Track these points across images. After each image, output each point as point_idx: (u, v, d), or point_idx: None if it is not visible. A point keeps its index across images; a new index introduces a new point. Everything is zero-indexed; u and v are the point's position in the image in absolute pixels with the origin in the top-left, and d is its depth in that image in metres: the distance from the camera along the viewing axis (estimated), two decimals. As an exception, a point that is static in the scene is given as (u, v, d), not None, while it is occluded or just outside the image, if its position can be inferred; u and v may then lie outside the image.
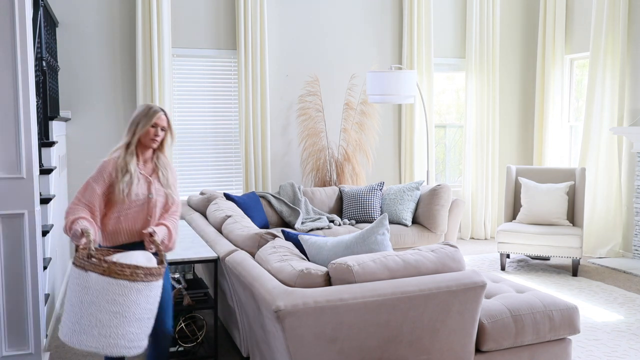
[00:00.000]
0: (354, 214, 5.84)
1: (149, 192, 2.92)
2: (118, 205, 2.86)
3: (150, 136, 2.92)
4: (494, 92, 7.37)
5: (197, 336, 3.61)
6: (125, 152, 2.92)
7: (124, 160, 2.89)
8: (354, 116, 6.87)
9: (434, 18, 7.27)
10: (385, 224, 3.01)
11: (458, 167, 7.78)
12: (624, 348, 3.90)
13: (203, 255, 3.49)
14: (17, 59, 3.32)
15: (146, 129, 2.90)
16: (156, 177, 2.96)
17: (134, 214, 2.89)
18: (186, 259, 3.42)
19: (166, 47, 6.21)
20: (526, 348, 3.05)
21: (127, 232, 2.90)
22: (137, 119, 2.93)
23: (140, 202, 2.89)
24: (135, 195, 2.86)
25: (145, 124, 2.90)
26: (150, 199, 2.91)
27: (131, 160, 2.90)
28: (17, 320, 3.44)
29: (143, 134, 2.91)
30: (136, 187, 2.86)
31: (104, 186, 2.84)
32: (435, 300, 2.68)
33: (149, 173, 2.96)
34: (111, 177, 2.86)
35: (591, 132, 6.52)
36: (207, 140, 6.65)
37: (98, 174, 2.87)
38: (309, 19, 6.86)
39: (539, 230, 5.65)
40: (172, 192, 2.99)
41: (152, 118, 2.91)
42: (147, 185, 2.92)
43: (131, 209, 2.88)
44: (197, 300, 3.64)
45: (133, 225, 2.90)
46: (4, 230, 3.38)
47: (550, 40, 7.20)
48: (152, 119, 2.91)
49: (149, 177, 2.95)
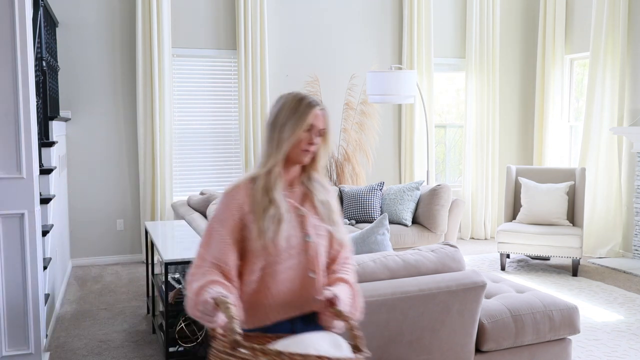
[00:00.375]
0: (354, 214, 5.84)
1: (304, 234, 1.87)
2: (258, 259, 1.82)
3: (302, 146, 1.86)
4: (494, 92, 7.37)
5: (197, 336, 3.61)
6: (265, 173, 1.85)
7: (264, 186, 1.83)
8: (354, 116, 6.87)
9: (434, 18, 7.27)
10: (385, 224, 3.01)
11: (458, 167, 7.78)
12: (624, 348, 3.90)
13: None
14: (17, 59, 3.32)
15: (298, 135, 1.84)
16: (311, 208, 1.92)
17: (286, 271, 1.84)
18: (186, 258, 3.41)
19: (166, 47, 6.21)
20: (526, 348, 3.05)
21: (278, 303, 1.84)
22: (284, 118, 1.86)
23: (295, 250, 1.85)
24: (286, 240, 1.82)
25: (296, 126, 1.84)
26: (308, 244, 1.87)
27: (276, 185, 1.85)
28: (17, 320, 3.44)
29: (294, 143, 1.85)
30: (287, 226, 1.83)
31: (236, 229, 1.82)
32: (435, 300, 2.68)
33: (299, 202, 1.92)
34: (243, 211, 1.82)
35: (591, 132, 6.52)
36: (207, 140, 6.65)
37: (224, 208, 1.84)
38: (309, 19, 6.86)
39: (539, 230, 5.65)
40: (337, 229, 1.95)
41: (306, 117, 1.85)
42: (300, 222, 1.88)
43: (280, 263, 1.83)
44: None
45: (287, 290, 1.84)
46: (4, 230, 3.38)
47: (550, 40, 7.20)
48: (306, 119, 1.85)
49: (300, 207, 1.90)
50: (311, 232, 1.87)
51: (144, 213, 6.25)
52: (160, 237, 4.04)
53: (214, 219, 1.84)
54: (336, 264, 1.94)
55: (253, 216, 1.80)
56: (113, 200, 6.27)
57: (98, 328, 4.33)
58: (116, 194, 6.28)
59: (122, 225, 6.32)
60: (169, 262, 3.38)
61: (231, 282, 1.77)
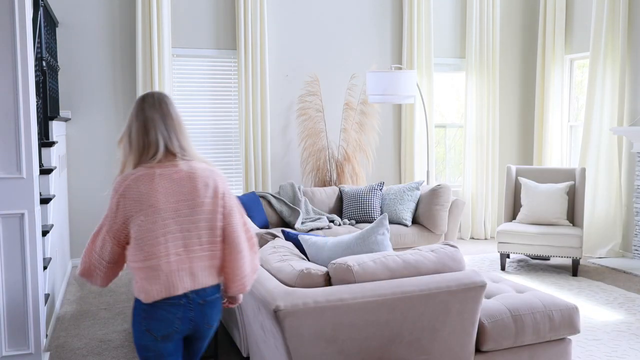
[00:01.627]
0: (354, 214, 5.84)
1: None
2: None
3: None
4: (494, 92, 7.38)
5: None
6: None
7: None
8: (354, 116, 6.87)
9: (434, 18, 7.27)
10: (385, 224, 3.01)
11: (458, 167, 7.78)
12: (624, 348, 3.90)
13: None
14: (17, 59, 3.33)
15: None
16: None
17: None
18: None
19: (166, 47, 6.21)
20: (526, 348, 3.05)
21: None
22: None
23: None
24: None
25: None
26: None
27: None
28: (17, 320, 3.44)
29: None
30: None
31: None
32: (435, 300, 2.68)
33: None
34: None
35: (591, 132, 6.52)
36: (207, 140, 6.66)
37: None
38: (309, 19, 6.86)
39: (539, 230, 5.65)
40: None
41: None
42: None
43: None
44: None
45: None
46: (4, 230, 3.38)
47: (550, 40, 7.20)
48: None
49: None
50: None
51: (144, 213, 6.24)
52: None
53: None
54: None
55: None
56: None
57: (98, 328, 4.33)
58: (116, 194, 6.27)
59: (122, 225, 6.31)
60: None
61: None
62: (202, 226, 2.19)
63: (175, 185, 2.16)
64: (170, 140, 2.20)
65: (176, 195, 2.15)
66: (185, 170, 2.18)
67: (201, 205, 2.18)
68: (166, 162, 2.18)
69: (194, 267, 2.18)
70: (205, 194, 2.19)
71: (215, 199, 2.21)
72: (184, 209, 2.16)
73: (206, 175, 2.21)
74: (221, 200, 2.22)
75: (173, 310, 2.14)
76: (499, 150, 7.61)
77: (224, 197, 2.23)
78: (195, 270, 2.18)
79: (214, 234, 2.21)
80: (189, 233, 2.17)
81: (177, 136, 2.21)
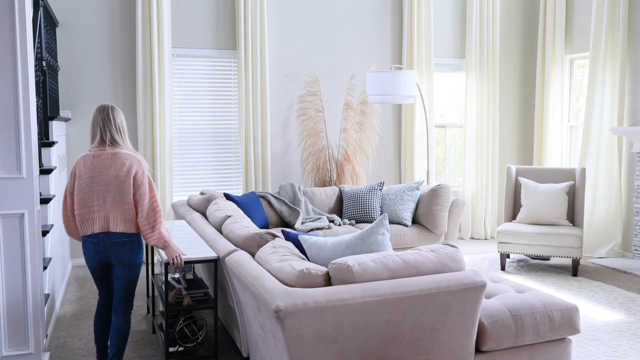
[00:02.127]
0: (354, 214, 5.84)
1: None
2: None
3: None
4: (494, 92, 7.38)
5: (197, 336, 3.61)
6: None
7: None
8: (354, 116, 6.87)
9: (434, 18, 7.27)
10: (385, 224, 3.01)
11: (458, 167, 7.78)
12: (624, 348, 3.90)
13: (203, 255, 3.49)
14: (17, 59, 3.33)
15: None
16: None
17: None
18: (186, 259, 3.42)
19: (166, 47, 6.22)
20: (526, 348, 3.05)
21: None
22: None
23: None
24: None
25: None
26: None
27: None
28: (17, 320, 3.44)
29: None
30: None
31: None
32: (435, 300, 2.68)
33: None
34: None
35: (591, 132, 6.52)
36: (207, 140, 6.66)
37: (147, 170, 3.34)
38: (308, 19, 6.86)
39: (539, 230, 5.65)
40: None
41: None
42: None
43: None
44: (197, 300, 3.63)
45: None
46: (4, 230, 3.38)
47: (550, 40, 7.20)
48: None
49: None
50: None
51: (144, 213, 6.24)
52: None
53: (149, 176, 3.28)
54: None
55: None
56: (113, 200, 6.27)
57: (98, 328, 4.33)
58: (116, 194, 6.28)
59: (122, 225, 6.32)
60: (169, 262, 3.38)
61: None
62: (115, 190, 3.21)
63: (100, 161, 3.24)
64: (104, 134, 3.27)
65: (98, 168, 3.23)
66: (109, 152, 3.24)
67: (115, 176, 3.21)
68: (100, 147, 3.27)
69: (108, 217, 3.23)
70: (121, 169, 3.21)
71: (128, 174, 3.21)
72: (102, 177, 3.22)
73: (125, 158, 3.24)
74: (132, 176, 3.21)
75: (90, 244, 3.27)
76: (499, 150, 7.61)
77: (135, 175, 3.22)
78: (109, 219, 3.23)
79: (125, 198, 3.22)
80: (107, 193, 3.21)
81: (110, 132, 3.27)
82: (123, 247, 3.27)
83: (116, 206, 3.22)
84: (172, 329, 3.66)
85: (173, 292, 3.51)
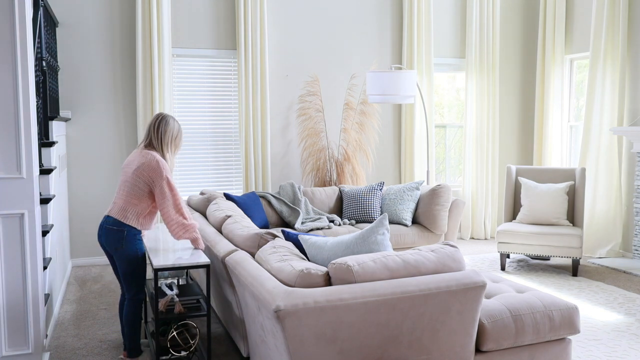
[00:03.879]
0: (354, 214, 5.84)
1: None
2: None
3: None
4: (494, 92, 7.38)
5: (190, 344, 3.49)
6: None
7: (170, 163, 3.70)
8: (354, 116, 6.87)
9: (434, 18, 7.27)
10: (385, 224, 3.01)
11: (458, 167, 7.78)
12: (624, 348, 3.90)
13: (195, 261, 3.38)
14: (17, 59, 3.33)
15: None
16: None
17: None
18: (177, 265, 3.33)
19: (166, 47, 6.22)
20: (526, 348, 3.05)
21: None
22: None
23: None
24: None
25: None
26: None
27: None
28: (17, 320, 3.44)
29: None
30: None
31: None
32: (435, 300, 2.68)
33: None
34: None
35: (591, 132, 6.52)
36: (207, 140, 6.66)
37: (167, 169, 3.52)
38: (308, 19, 6.86)
39: (539, 230, 5.65)
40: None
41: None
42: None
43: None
44: (190, 308, 3.52)
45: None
46: (4, 230, 3.38)
47: (550, 40, 7.20)
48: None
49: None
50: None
51: (144, 213, 6.24)
52: (152, 241, 3.97)
53: (169, 177, 3.48)
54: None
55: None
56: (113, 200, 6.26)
57: (98, 328, 4.33)
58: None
59: (122, 225, 6.32)
60: (159, 268, 3.28)
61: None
62: (128, 182, 3.51)
63: (132, 156, 3.59)
64: (146, 138, 3.60)
65: (129, 163, 3.57)
66: (140, 152, 3.55)
67: (131, 170, 3.50)
68: (142, 147, 3.59)
69: (116, 202, 3.55)
70: (134, 166, 3.49)
71: (137, 170, 3.47)
72: (126, 170, 3.56)
73: (144, 157, 3.50)
74: (139, 171, 3.47)
75: (101, 224, 3.60)
76: (499, 150, 7.61)
77: (141, 170, 3.46)
78: (115, 205, 3.55)
79: (133, 190, 3.49)
80: (124, 183, 3.54)
81: (152, 138, 3.58)
82: (110, 233, 3.50)
83: (123, 195, 3.52)
84: (164, 336, 3.53)
85: (164, 300, 3.39)
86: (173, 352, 3.48)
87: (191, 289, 3.75)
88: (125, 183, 3.53)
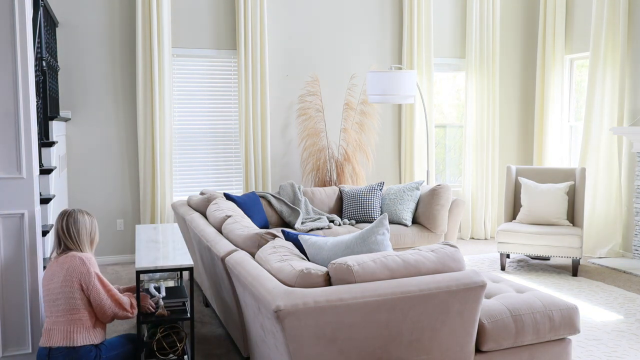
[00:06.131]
0: (354, 214, 5.84)
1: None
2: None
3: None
4: (494, 92, 7.38)
5: (177, 348, 3.43)
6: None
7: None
8: (354, 116, 6.88)
9: (434, 18, 7.27)
10: (385, 224, 3.00)
11: (458, 167, 7.78)
12: (624, 348, 3.90)
13: (176, 264, 3.32)
14: (17, 59, 3.32)
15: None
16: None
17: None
18: (159, 267, 3.30)
19: (166, 47, 6.22)
20: (526, 348, 3.05)
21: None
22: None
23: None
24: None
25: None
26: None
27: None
28: (16, 320, 3.44)
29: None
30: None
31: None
32: (435, 300, 2.68)
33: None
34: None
35: (591, 132, 6.52)
36: (207, 141, 6.66)
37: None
38: (308, 19, 6.86)
39: (539, 230, 5.65)
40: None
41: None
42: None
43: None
44: (174, 311, 3.45)
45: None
46: (4, 230, 3.38)
47: (550, 40, 7.20)
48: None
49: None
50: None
51: (144, 213, 6.25)
52: (143, 242, 3.91)
53: (97, 272, 3.08)
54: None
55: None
56: (113, 200, 6.28)
57: (98, 328, 4.32)
58: (116, 194, 6.28)
59: (122, 225, 6.33)
60: (141, 270, 3.24)
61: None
62: (61, 298, 3.06)
63: (50, 270, 3.13)
64: (59, 246, 3.21)
65: (50, 277, 3.12)
66: (56, 262, 3.13)
67: (58, 285, 3.08)
68: (55, 257, 3.17)
69: (52, 329, 3.06)
70: (60, 278, 3.07)
71: (65, 280, 3.07)
72: (51, 286, 3.12)
73: (65, 263, 3.09)
74: (68, 280, 3.06)
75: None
76: (499, 150, 7.61)
77: (70, 278, 3.06)
78: (52, 331, 3.05)
79: (70, 303, 3.04)
80: (54, 302, 3.09)
81: (65, 242, 3.17)
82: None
83: (58, 314, 3.06)
84: (151, 340, 3.47)
85: (148, 304, 3.36)
86: (159, 355, 3.41)
87: (178, 291, 3.68)
88: (56, 301, 3.00)
